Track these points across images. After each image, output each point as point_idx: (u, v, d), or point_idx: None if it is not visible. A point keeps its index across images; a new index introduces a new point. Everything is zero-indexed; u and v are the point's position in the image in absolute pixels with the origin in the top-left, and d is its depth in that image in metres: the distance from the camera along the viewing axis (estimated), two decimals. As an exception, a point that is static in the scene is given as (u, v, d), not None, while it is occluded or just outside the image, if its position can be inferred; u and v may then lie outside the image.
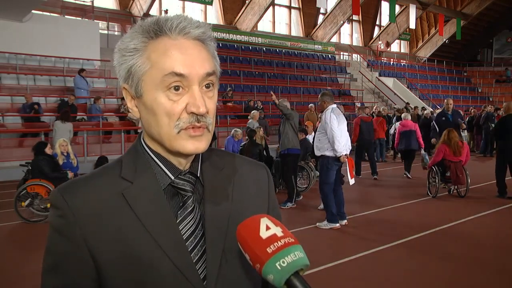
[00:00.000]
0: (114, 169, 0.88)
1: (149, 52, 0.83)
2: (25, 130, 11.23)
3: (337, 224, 5.99)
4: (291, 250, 0.71)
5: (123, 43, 0.86)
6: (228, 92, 16.45)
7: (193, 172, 0.90)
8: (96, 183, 0.86)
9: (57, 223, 0.84)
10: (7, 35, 12.92)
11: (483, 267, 4.56)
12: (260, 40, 23.21)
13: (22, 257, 4.92)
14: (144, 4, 19.55)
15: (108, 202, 0.84)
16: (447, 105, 9.38)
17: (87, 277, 0.83)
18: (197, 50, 0.84)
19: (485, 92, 31.53)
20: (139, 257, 0.83)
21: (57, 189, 0.86)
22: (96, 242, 0.83)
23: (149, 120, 0.85)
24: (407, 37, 32.13)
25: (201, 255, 0.86)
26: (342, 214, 6.14)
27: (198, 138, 0.84)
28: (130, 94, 0.87)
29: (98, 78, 14.88)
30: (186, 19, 0.84)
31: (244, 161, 1.01)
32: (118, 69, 0.87)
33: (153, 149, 0.89)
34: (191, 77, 0.82)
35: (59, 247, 0.84)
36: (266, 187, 1.00)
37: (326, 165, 5.99)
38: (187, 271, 0.84)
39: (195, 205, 0.88)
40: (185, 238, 0.86)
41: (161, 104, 0.82)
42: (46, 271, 0.86)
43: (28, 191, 6.23)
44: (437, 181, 8.03)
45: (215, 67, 0.87)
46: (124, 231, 0.83)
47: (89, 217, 0.83)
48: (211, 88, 0.86)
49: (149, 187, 0.86)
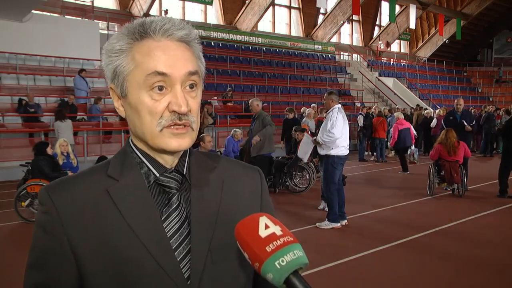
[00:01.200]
0: (102, 168, 0.90)
1: (134, 53, 0.85)
2: (25, 130, 11.24)
3: (338, 224, 5.99)
4: (290, 248, 0.71)
5: (109, 44, 0.88)
6: (228, 92, 16.45)
7: (179, 170, 0.91)
8: (83, 182, 0.88)
9: (41, 220, 0.86)
10: (7, 35, 12.91)
11: (483, 267, 4.57)
12: (260, 40, 23.21)
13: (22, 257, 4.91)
14: (144, 4, 19.55)
15: (93, 199, 0.85)
16: (457, 105, 9.40)
17: (69, 274, 0.83)
18: (180, 51, 0.86)
19: (485, 92, 31.54)
20: (121, 255, 0.82)
21: (45, 187, 0.88)
22: (79, 240, 0.83)
23: (134, 119, 0.87)
24: (407, 37, 32.13)
25: (185, 254, 0.86)
26: (342, 214, 6.14)
27: (181, 135, 0.85)
28: (117, 94, 0.89)
29: (98, 78, 14.87)
30: (170, 21, 0.86)
31: (236, 164, 1.02)
32: (105, 70, 0.89)
33: (140, 148, 0.90)
34: (173, 77, 0.83)
35: (42, 243, 0.85)
36: (258, 190, 1.00)
37: (332, 164, 5.97)
38: (170, 269, 0.84)
39: (181, 203, 0.88)
40: (169, 236, 0.85)
41: (144, 103, 0.84)
42: (29, 266, 0.86)
43: (28, 191, 6.23)
44: (433, 180, 8.14)
45: (199, 67, 0.89)
46: (108, 228, 0.83)
47: (73, 214, 0.84)
48: (195, 89, 0.87)
49: (134, 184, 0.87)
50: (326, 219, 6.04)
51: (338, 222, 6.01)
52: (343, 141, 6.01)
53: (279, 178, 8.58)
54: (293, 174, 8.74)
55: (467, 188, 8.28)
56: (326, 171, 6.07)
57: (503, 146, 8.51)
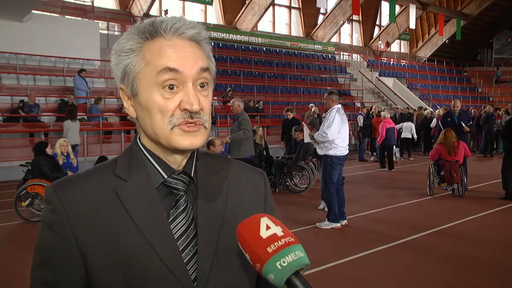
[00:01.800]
0: (109, 167, 0.89)
1: (144, 52, 0.84)
2: (25, 130, 11.24)
3: (338, 224, 6.01)
4: (292, 249, 0.71)
5: (119, 44, 0.87)
6: (228, 92, 16.44)
7: (187, 171, 0.90)
8: (90, 181, 0.87)
9: (48, 218, 0.85)
10: (7, 35, 12.90)
11: (483, 267, 4.57)
12: (260, 40, 23.20)
13: (22, 257, 4.92)
14: (144, 4, 19.54)
15: (100, 199, 0.84)
16: (453, 107, 9.19)
17: (75, 273, 0.83)
18: (191, 49, 0.85)
19: (485, 92, 31.52)
20: (129, 255, 0.82)
21: (51, 185, 0.87)
22: (86, 239, 0.82)
23: (145, 119, 0.86)
24: (407, 37, 32.11)
25: (192, 255, 0.86)
26: (342, 214, 6.16)
27: (194, 133, 0.84)
28: (126, 94, 0.88)
29: (98, 78, 14.87)
30: (180, 20, 0.86)
31: (240, 165, 1.01)
32: (115, 70, 0.88)
33: (148, 148, 0.89)
34: (185, 74, 0.83)
35: (49, 242, 0.84)
36: (262, 191, 1.00)
37: (330, 164, 6.01)
38: (177, 271, 0.84)
39: (188, 205, 0.88)
40: (177, 238, 0.85)
41: (155, 101, 0.83)
42: (35, 265, 0.86)
43: (28, 191, 6.23)
44: (433, 180, 8.15)
45: (210, 65, 0.88)
46: (115, 228, 0.83)
47: (80, 213, 0.83)
48: (206, 87, 0.87)
49: (142, 185, 0.87)
50: (326, 219, 6.05)
51: (338, 222, 6.02)
52: (342, 141, 6.03)
53: (279, 178, 8.58)
54: (293, 174, 8.75)
55: (467, 188, 8.28)
56: (325, 171, 6.12)
57: (505, 147, 8.31)
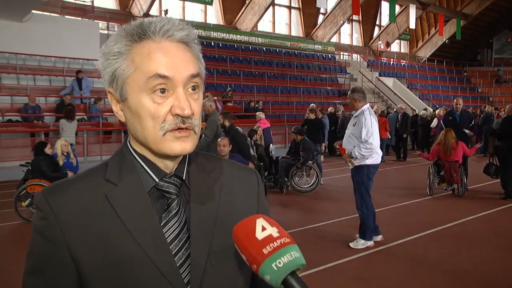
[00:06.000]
0: (99, 171, 0.88)
1: (133, 55, 0.82)
2: (25, 130, 11.24)
3: (372, 242, 5.20)
4: (287, 250, 0.71)
5: (107, 47, 0.85)
6: (228, 92, 16.45)
7: (179, 174, 0.89)
8: (80, 185, 0.86)
9: (39, 225, 0.84)
10: (7, 35, 12.89)
11: (483, 267, 4.57)
12: (260, 40, 23.19)
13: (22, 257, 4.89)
14: (144, 4, 19.54)
15: (91, 204, 0.84)
16: (456, 105, 9.08)
17: (68, 279, 0.82)
18: (181, 52, 0.84)
19: (485, 92, 31.52)
20: (121, 260, 0.82)
21: (41, 191, 0.86)
22: (78, 245, 0.82)
23: (134, 124, 0.85)
24: (407, 37, 32.10)
25: (185, 258, 0.85)
26: (376, 228, 5.32)
27: (184, 139, 0.84)
28: (115, 98, 0.86)
29: (98, 78, 14.86)
30: (169, 21, 0.84)
31: (233, 165, 1.00)
32: (103, 73, 0.87)
33: (138, 152, 0.88)
34: (176, 79, 0.82)
35: (40, 249, 0.84)
36: (255, 191, 0.99)
37: (367, 175, 5.13)
38: (170, 275, 0.83)
39: (180, 208, 0.87)
40: (169, 241, 0.84)
41: (145, 107, 0.82)
42: (27, 273, 0.85)
43: (28, 191, 6.23)
44: (433, 180, 8.15)
45: (200, 69, 0.87)
46: (107, 233, 0.82)
47: (71, 219, 0.82)
48: (197, 91, 0.86)
49: (133, 190, 0.85)
50: (357, 236, 5.24)
51: (372, 240, 5.22)
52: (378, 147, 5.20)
53: (285, 178, 8.55)
54: (300, 174, 8.72)
55: (467, 188, 8.28)
56: (361, 184, 5.15)
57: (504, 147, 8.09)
